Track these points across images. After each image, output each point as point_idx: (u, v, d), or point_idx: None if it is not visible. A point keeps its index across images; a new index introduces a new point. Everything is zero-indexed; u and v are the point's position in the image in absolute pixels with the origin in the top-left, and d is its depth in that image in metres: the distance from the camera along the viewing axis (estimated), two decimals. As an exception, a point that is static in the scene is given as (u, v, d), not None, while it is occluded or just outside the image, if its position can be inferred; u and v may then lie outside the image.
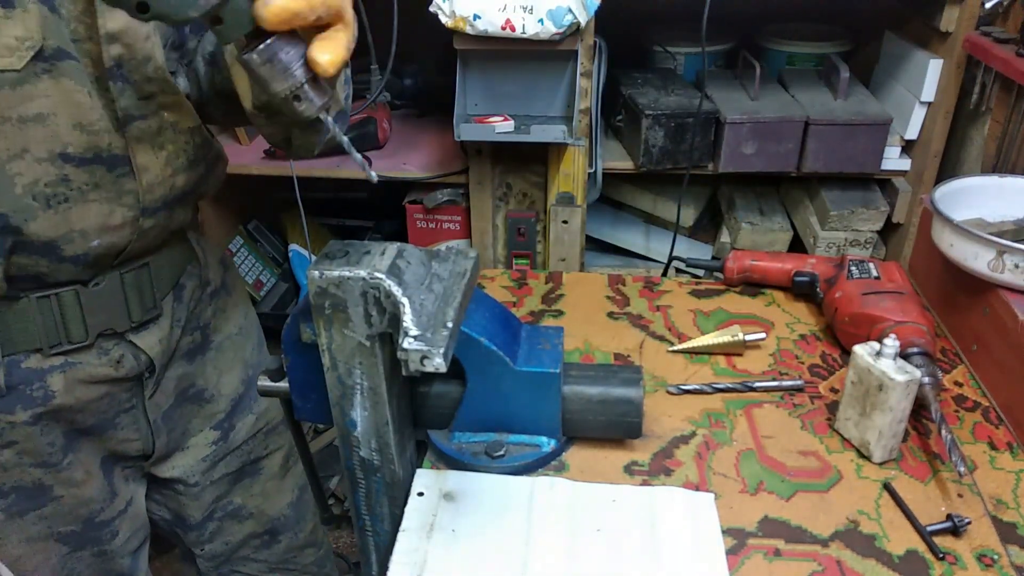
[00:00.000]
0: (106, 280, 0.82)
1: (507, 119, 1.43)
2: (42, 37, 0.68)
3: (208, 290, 0.98)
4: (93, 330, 0.83)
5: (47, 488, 0.86)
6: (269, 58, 0.59)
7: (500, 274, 1.16)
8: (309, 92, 0.61)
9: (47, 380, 0.82)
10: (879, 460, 0.80)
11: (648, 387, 0.91)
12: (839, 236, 1.58)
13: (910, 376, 0.76)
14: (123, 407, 0.90)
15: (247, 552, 1.12)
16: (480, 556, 0.69)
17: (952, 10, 1.40)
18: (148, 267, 0.86)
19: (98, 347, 0.84)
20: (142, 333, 0.88)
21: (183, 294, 0.93)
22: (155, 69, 0.76)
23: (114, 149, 0.76)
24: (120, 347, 0.86)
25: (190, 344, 0.96)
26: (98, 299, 0.82)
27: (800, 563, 0.70)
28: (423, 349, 0.60)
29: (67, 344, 0.82)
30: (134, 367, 0.88)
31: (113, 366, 0.86)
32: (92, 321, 0.82)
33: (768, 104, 1.53)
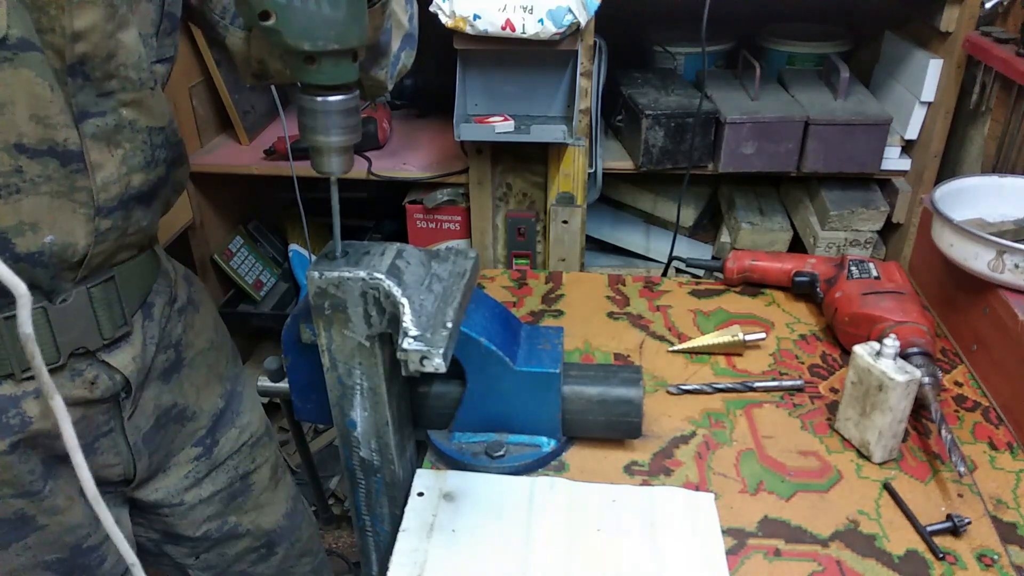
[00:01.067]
0: (72, 295, 0.80)
1: (507, 119, 1.43)
2: (7, 25, 0.66)
3: (176, 306, 0.96)
4: (64, 349, 0.80)
5: (29, 518, 0.84)
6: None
7: (500, 274, 1.16)
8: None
9: (22, 406, 0.79)
10: (879, 460, 0.80)
11: (648, 387, 0.91)
12: (839, 236, 1.58)
13: (910, 376, 0.76)
14: (101, 431, 0.87)
15: (243, 566, 1.10)
16: (480, 556, 0.69)
17: (952, 10, 1.40)
18: (114, 281, 0.84)
19: (71, 368, 0.82)
20: (114, 352, 0.85)
21: (153, 311, 0.91)
22: (118, 67, 0.75)
23: (69, 145, 0.74)
24: (93, 367, 0.83)
25: (165, 363, 0.94)
26: (66, 316, 0.80)
27: (800, 563, 0.70)
28: (423, 349, 0.60)
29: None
30: (109, 387, 0.85)
31: (87, 387, 0.83)
32: (62, 340, 0.80)
33: (768, 104, 1.53)
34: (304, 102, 0.62)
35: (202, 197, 1.66)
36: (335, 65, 0.61)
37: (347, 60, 0.61)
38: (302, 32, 0.58)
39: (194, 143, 1.62)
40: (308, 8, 0.58)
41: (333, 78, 0.61)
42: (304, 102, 0.62)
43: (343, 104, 0.62)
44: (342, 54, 0.60)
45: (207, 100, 1.66)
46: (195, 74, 1.61)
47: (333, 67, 0.61)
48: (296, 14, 0.58)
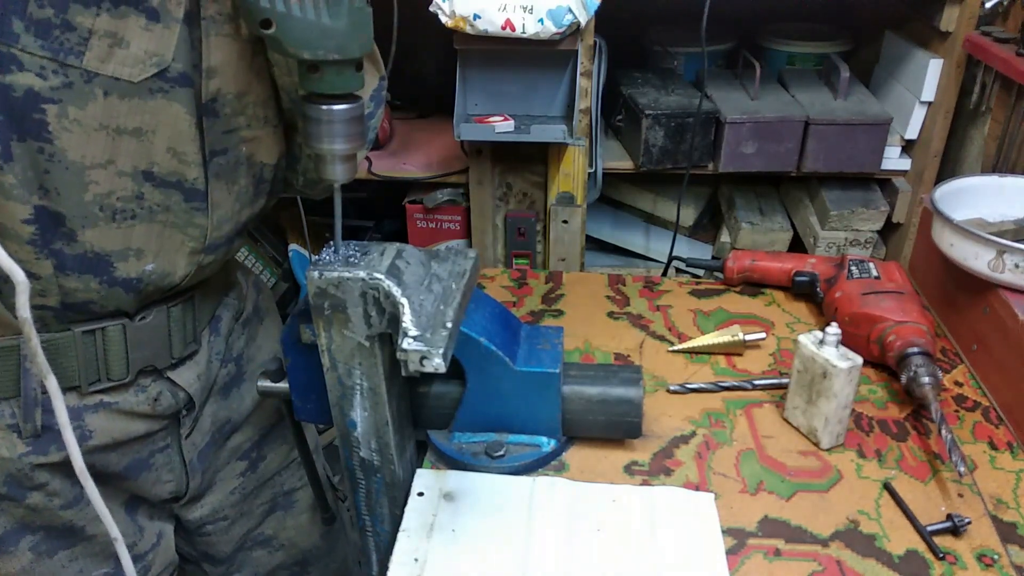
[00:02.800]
0: (153, 314, 0.79)
1: (507, 119, 1.43)
2: (172, 58, 0.66)
3: (242, 319, 0.94)
4: (134, 367, 0.79)
5: (78, 529, 0.82)
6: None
7: (500, 274, 1.16)
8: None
9: (85, 419, 0.78)
10: (827, 446, 0.82)
11: (648, 387, 0.91)
12: (839, 236, 1.58)
13: (852, 363, 0.78)
14: (158, 446, 0.86)
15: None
16: (480, 556, 0.69)
17: (952, 10, 1.40)
18: (193, 300, 0.83)
19: (136, 385, 0.80)
20: (180, 369, 0.84)
21: (220, 326, 0.89)
22: (246, 106, 0.74)
23: (197, 184, 0.73)
24: (158, 384, 0.82)
25: (226, 377, 0.92)
26: (143, 334, 0.78)
27: (800, 563, 0.70)
28: (422, 349, 0.60)
29: (106, 381, 0.78)
30: (171, 405, 0.84)
31: (151, 404, 0.82)
32: (135, 357, 0.78)
33: (768, 104, 1.53)
34: (309, 110, 0.63)
35: (202, 197, 1.66)
36: (337, 74, 0.61)
37: (350, 70, 0.61)
38: (302, 41, 0.59)
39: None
40: (307, 18, 0.58)
41: (335, 87, 0.61)
42: (309, 110, 0.63)
43: (347, 113, 0.63)
44: (344, 64, 0.61)
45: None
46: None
47: (335, 76, 0.61)
48: (296, 23, 0.58)
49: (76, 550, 0.84)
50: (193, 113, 0.70)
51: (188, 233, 0.76)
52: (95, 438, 0.79)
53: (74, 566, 0.84)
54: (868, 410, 0.88)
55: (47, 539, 0.81)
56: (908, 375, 0.83)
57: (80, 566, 0.84)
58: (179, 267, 0.77)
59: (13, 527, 0.79)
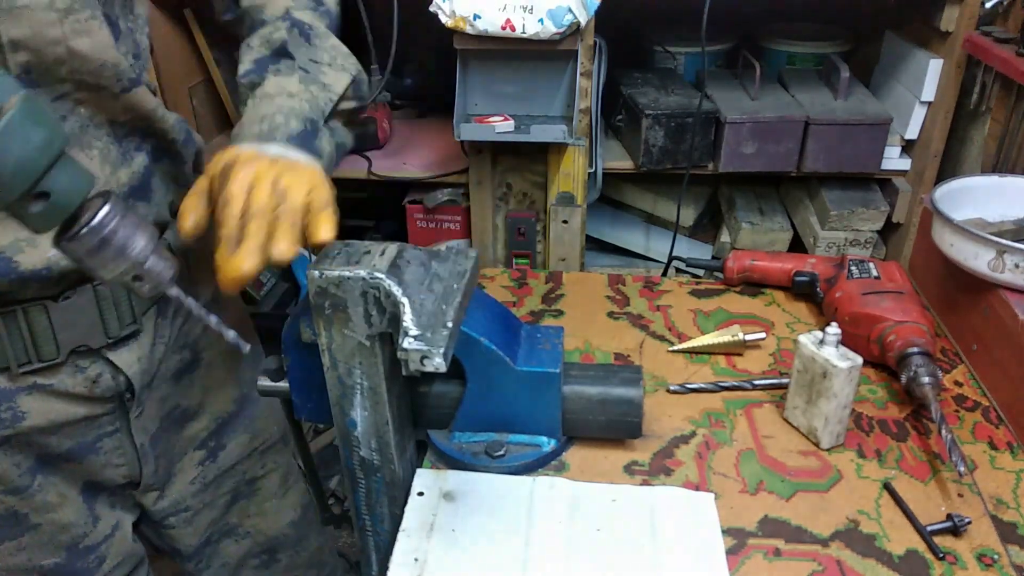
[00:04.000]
0: (76, 294, 0.76)
1: (507, 119, 1.43)
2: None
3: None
4: (65, 347, 0.76)
5: (22, 516, 0.81)
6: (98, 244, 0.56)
7: (500, 274, 1.16)
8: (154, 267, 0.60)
9: (17, 401, 0.76)
10: (827, 446, 0.82)
11: (648, 387, 0.91)
12: (839, 236, 1.58)
13: (852, 363, 0.78)
14: (105, 430, 0.85)
15: (247, 574, 1.09)
16: (480, 556, 0.69)
17: (952, 10, 1.40)
18: None
19: (72, 364, 0.78)
20: (120, 350, 0.81)
21: (168, 309, 0.88)
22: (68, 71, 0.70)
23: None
24: (97, 365, 0.80)
25: (179, 364, 0.91)
26: (69, 314, 0.76)
27: (800, 563, 0.70)
28: (423, 349, 0.60)
29: (37, 362, 0.76)
30: (111, 387, 0.82)
31: (88, 386, 0.80)
32: (63, 337, 0.76)
33: (768, 104, 1.53)
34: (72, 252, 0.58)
35: (202, 197, 1.66)
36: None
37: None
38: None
39: (194, 143, 1.62)
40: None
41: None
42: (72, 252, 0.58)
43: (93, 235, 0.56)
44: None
45: (207, 100, 1.66)
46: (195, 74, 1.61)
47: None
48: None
49: (23, 540, 0.83)
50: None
51: None
52: (28, 419, 0.78)
53: (21, 556, 0.83)
54: (868, 410, 0.88)
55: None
56: (908, 375, 0.83)
57: (28, 555, 0.83)
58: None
59: None
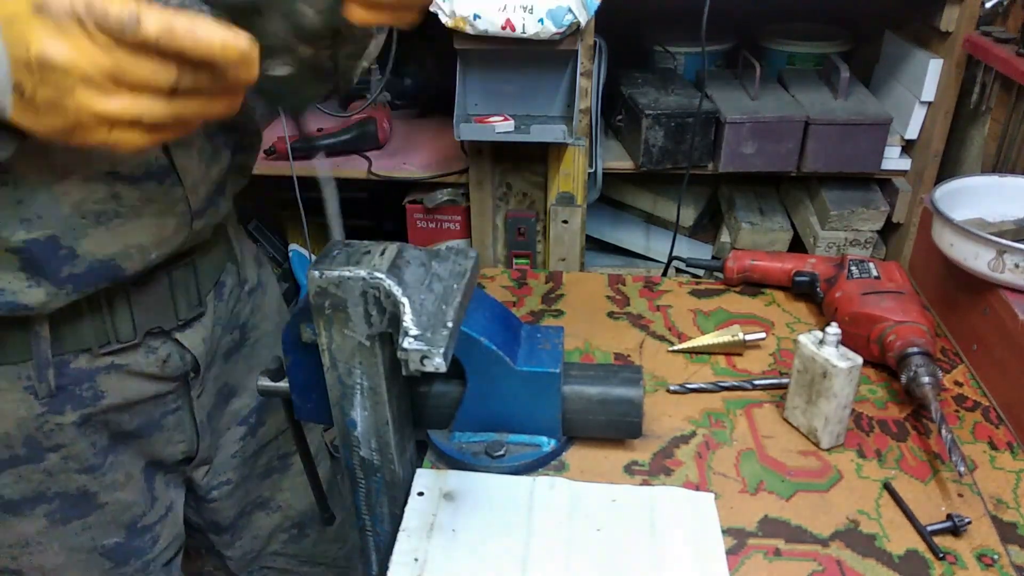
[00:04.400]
0: (154, 279, 0.82)
1: (507, 119, 1.43)
2: None
3: (246, 288, 0.98)
4: (141, 328, 0.82)
5: (91, 495, 0.86)
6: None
7: (500, 274, 1.16)
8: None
9: (97, 380, 0.81)
10: (827, 446, 0.82)
11: (648, 387, 0.91)
12: (839, 236, 1.58)
13: (852, 363, 0.78)
14: (169, 408, 0.89)
15: (276, 547, 1.12)
16: (480, 556, 0.69)
17: (952, 10, 1.40)
18: (194, 263, 0.86)
19: (145, 346, 0.84)
20: (187, 332, 0.87)
21: (223, 291, 0.93)
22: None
23: (160, 160, 0.76)
24: (167, 346, 0.86)
25: (229, 343, 0.97)
26: (147, 298, 0.82)
27: (800, 563, 0.70)
28: (423, 349, 0.60)
29: (116, 343, 0.81)
30: (179, 367, 0.88)
31: (159, 365, 0.86)
32: (140, 320, 0.82)
33: (768, 104, 1.53)
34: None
35: (202, 197, 1.66)
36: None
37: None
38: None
39: (194, 143, 1.62)
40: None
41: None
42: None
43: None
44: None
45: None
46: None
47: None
48: None
49: (89, 519, 0.87)
50: None
51: (175, 211, 0.79)
52: (108, 398, 0.83)
53: (86, 535, 0.87)
54: (868, 410, 0.88)
55: (62, 507, 0.84)
56: (908, 375, 0.83)
57: (92, 535, 0.87)
58: (177, 241, 0.81)
59: (31, 494, 0.82)
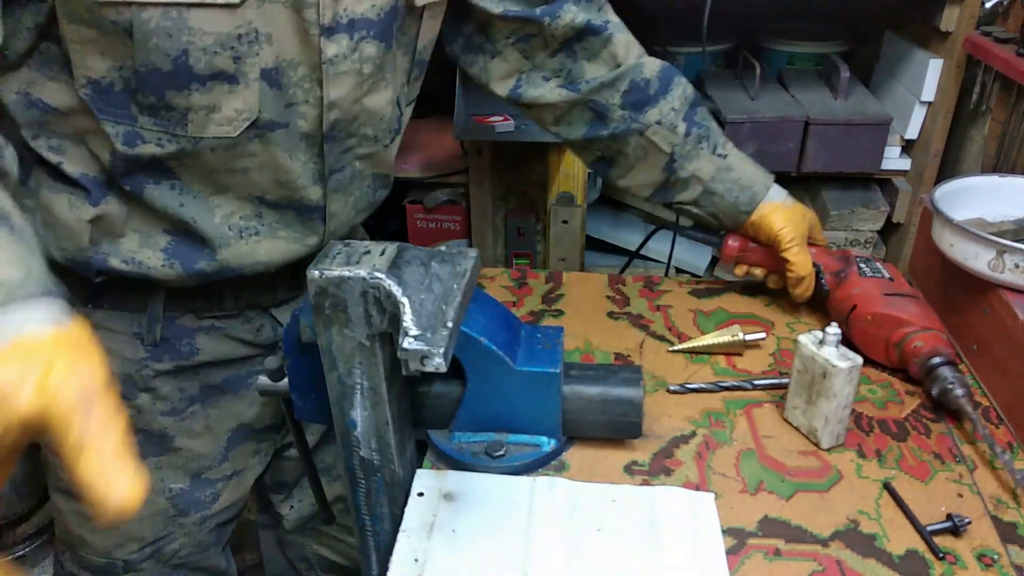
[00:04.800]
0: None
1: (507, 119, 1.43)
2: (259, 110, 0.76)
3: None
4: (243, 304, 0.91)
5: (170, 438, 0.94)
6: None
7: (500, 274, 1.16)
8: None
9: (195, 338, 0.90)
10: (827, 446, 0.82)
11: (648, 387, 0.91)
12: (839, 236, 1.58)
13: (852, 363, 0.78)
14: (258, 368, 0.94)
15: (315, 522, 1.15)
16: (480, 556, 0.69)
17: (952, 10, 1.40)
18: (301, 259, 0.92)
19: (244, 316, 0.93)
20: (283, 308, 0.95)
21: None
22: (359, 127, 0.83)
23: (310, 199, 0.83)
24: (262, 317, 0.94)
25: None
26: (254, 282, 0.89)
27: (800, 563, 0.70)
28: (423, 349, 0.60)
29: (219, 311, 0.91)
30: (271, 336, 0.95)
31: (254, 333, 0.94)
32: (245, 298, 0.91)
33: (768, 104, 1.53)
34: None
35: (202, 197, 1.66)
36: None
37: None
38: None
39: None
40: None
41: None
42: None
43: None
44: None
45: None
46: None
47: None
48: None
49: (163, 459, 0.95)
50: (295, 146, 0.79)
51: (307, 242, 0.87)
52: (201, 355, 0.92)
53: (158, 474, 0.95)
54: (868, 410, 0.88)
55: (143, 443, 0.93)
56: (941, 387, 0.84)
57: (162, 475, 0.95)
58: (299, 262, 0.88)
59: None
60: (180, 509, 0.98)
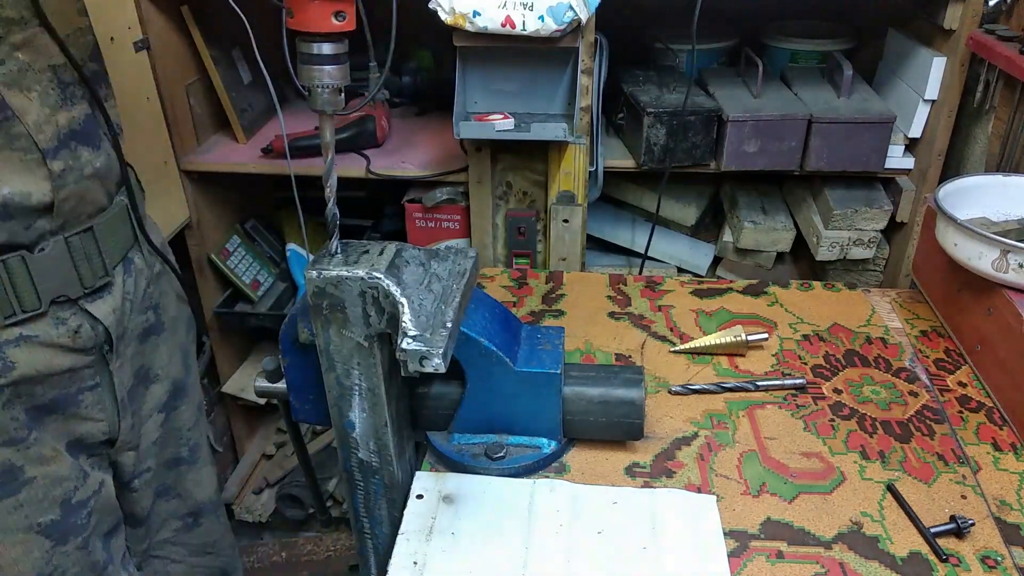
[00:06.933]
0: (51, 245, 0.82)
1: (507, 117, 1.42)
2: None
3: (155, 270, 1.00)
4: (45, 296, 0.82)
5: (18, 469, 0.84)
6: None
7: (500, 273, 1.15)
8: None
9: (6, 352, 0.80)
10: None
11: (650, 388, 0.91)
12: (843, 235, 1.57)
13: None
14: (86, 384, 0.89)
15: (167, 535, 1.12)
16: (480, 559, 0.68)
17: (956, 7, 1.39)
18: (92, 232, 0.86)
19: (53, 316, 0.83)
20: (96, 302, 0.87)
21: (132, 268, 0.94)
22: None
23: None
24: (76, 317, 0.85)
25: (144, 324, 0.97)
26: (45, 264, 0.81)
27: (803, 565, 0.70)
28: (422, 349, 0.60)
29: (21, 313, 0.81)
30: (92, 337, 0.87)
31: (71, 336, 0.85)
32: (43, 287, 0.81)
33: (771, 102, 1.52)
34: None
35: (199, 196, 1.65)
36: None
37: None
38: None
39: (191, 141, 1.61)
40: None
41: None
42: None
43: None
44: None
45: (204, 98, 1.65)
46: (191, 72, 1.60)
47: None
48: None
49: (20, 496, 0.84)
50: None
51: (16, 147, 0.78)
52: (19, 369, 0.81)
53: (19, 513, 0.85)
54: (872, 411, 0.87)
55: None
56: None
57: (25, 512, 0.85)
58: (33, 183, 0.79)
59: None
60: (57, 539, 0.88)
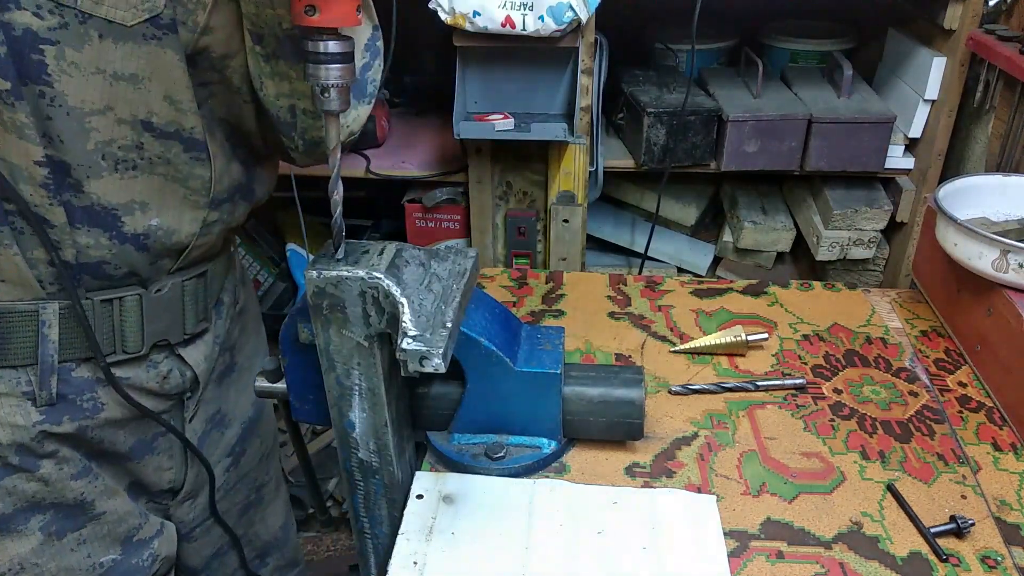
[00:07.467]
0: (168, 287, 0.81)
1: (507, 117, 1.42)
2: (163, 5, 0.68)
3: (237, 308, 0.96)
4: (149, 339, 0.81)
5: (88, 504, 0.82)
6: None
7: (500, 273, 1.15)
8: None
9: (98, 391, 0.79)
10: None
11: (650, 388, 0.91)
12: (843, 235, 1.57)
13: None
14: (160, 429, 0.86)
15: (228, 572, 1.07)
16: (480, 559, 0.68)
17: (956, 8, 1.39)
18: (206, 276, 0.84)
19: (148, 360, 0.82)
20: (189, 348, 0.86)
21: (222, 310, 0.91)
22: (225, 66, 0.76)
23: (195, 133, 0.75)
24: (168, 361, 0.84)
25: (222, 366, 0.93)
26: (159, 306, 0.80)
27: (803, 565, 0.70)
28: (422, 349, 0.60)
29: (121, 354, 0.79)
30: (179, 384, 0.86)
31: (160, 381, 0.84)
32: (149, 329, 0.80)
33: (771, 102, 1.52)
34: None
35: (201, 196, 1.65)
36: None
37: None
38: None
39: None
40: None
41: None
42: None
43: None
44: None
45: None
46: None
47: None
48: None
49: (84, 532, 0.82)
50: (184, 60, 0.72)
51: (189, 187, 0.77)
52: (107, 411, 0.80)
53: (82, 550, 0.83)
54: (872, 411, 0.87)
55: (57, 518, 0.80)
56: None
57: (88, 550, 0.83)
58: (184, 223, 0.79)
59: (24, 505, 0.79)
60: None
